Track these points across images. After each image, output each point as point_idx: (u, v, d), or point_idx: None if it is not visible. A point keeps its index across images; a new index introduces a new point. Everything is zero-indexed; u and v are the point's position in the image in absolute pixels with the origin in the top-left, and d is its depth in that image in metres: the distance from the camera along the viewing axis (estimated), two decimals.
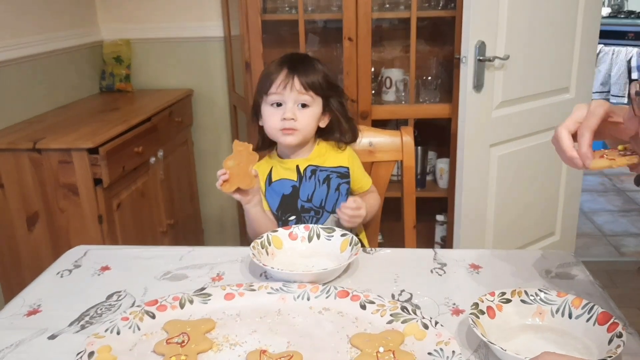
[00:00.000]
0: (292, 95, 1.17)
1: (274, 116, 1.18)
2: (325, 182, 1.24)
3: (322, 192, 1.24)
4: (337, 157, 1.27)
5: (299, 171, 1.24)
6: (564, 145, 0.74)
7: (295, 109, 1.18)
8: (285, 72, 1.17)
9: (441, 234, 2.34)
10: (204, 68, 2.44)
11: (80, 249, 1.14)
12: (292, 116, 1.17)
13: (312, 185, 1.24)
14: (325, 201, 1.24)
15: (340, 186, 1.25)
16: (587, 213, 3.11)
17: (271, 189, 1.25)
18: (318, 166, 1.25)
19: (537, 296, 0.85)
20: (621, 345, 0.71)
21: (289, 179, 1.24)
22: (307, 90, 1.18)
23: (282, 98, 1.18)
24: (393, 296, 0.92)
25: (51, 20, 2.10)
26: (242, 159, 1.07)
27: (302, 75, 1.18)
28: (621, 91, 4.08)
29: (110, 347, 0.77)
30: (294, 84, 1.17)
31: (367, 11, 1.94)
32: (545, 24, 1.92)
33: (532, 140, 2.04)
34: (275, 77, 1.17)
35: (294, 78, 1.17)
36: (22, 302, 0.94)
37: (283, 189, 1.24)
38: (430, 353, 0.75)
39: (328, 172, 1.25)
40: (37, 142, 1.61)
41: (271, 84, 1.17)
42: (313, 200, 1.24)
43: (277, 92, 1.17)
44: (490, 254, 1.08)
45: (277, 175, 1.25)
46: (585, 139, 0.72)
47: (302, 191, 1.24)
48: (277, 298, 0.90)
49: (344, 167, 1.26)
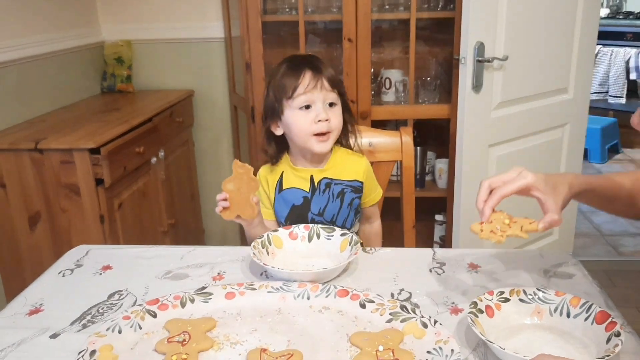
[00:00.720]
0: (322, 94, 1.12)
1: (305, 119, 1.12)
2: (339, 197, 1.20)
3: (334, 207, 1.20)
4: (353, 168, 1.22)
5: (312, 182, 1.19)
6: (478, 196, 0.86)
7: (326, 109, 1.13)
8: (310, 72, 1.12)
9: (440, 234, 2.34)
10: (204, 69, 2.45)
11: (81, 248, 1.14)
12: (326, 116, 1.12)
13: (325, 199, 1.19)
14: (337, 216, 1.20)
15: (354, 201, 1.22)
16: (586, 213, 3.12)
17: (281, 197, 1.20)
18: (333, 179, 1.20)
19: (535, 295, 0.85)
20: (619, 344, 0.71)
21: (301, 189, 1.19)
22: (333, 88, 1.14)
23: (311, 98, 1.12)
24: (392, 295, 0.93)
25: (53, 21, 2.10)
26: (242, 184, 1.03)
27: (326, 73, 1.13)
28: (619, 92, 4.08)
29: (112, 346, 0.77)
30: (323, 82, 1.12)
31: (367, 12, 1.95)
32: (543, 24, 1.93)
33: (531, 140, 2.05)
34: (299, 79, 1.11)
35: (322, 78, 1.12)
36: (24, 302, 0.95)
37: (294, 199, 1.20)
38: (430, 352, 0.75)
39: (343, 186, 1.20)
40: (39, 142, 1.62)
41: (296, 86, 1.11)
42: (325, 214, 1.20)
43: (305, 93, 1.11)
44: (489, 253, 1.09)
45: (289, 183, 1.20)
46: (491, 200, 0.83)
47: (314, 204, 1.19)
48: (278, 297, 0.91)
49: (359, 181, 1.21)
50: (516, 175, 0.84)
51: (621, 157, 4.13)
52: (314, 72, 1.12)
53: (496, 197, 0.81)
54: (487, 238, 0.77)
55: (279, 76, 1.15)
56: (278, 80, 1.14)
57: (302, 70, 1.12)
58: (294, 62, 1.16)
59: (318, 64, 1.14)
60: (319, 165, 1.21)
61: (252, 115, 2.09)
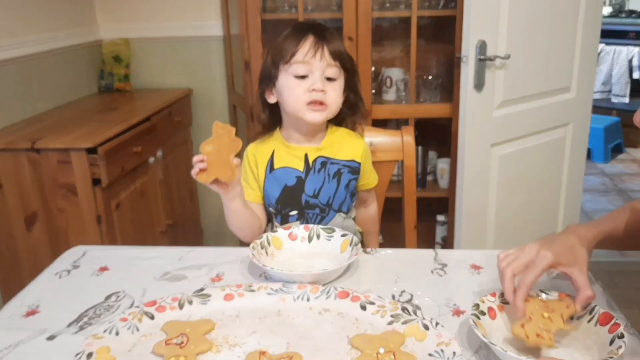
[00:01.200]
0: (321, 65, 1.04)
1: (299, 88, 1.04)
2: (335, 177, 1.12)
3: (331, 188, 1.12)
4: (351, 148, 1.15)
5: (307, 161, 1.12)
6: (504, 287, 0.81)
7: (323, 81, 1.05)
8: (312, 38, 1.04)
9: (442, 234, 2.34)
10: (203, 67, 2.44)
11: (79, 249, 1.14)
12: (322, 87, 1.04)
13: (321, 180, 1.12)
14: (334, 198, 1.13)
15: (351, 183, 1.15)
16: (589, 213, 3.11)
17: (272, 176, 1.12)
18: (329, 158, 1.12)
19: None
20: (622, 346, 0.71)
21: (294, 168, 1.12)
22: (335, 60, 1.05)
23: (309, 68, 1.04)
24: (393, 297, 0.92)
25: (50, 20, 2.09)
26: (222, 145, 0.95)
27: (331, 44, 1.05)
28: (622, 91, 4.08)
29: (109, 348, 0.77)
30: (324, 52, 1.04)
31: (367, 10, 1.94)
32: (546, 23, 1.92)
33: (533, 139, 2.04)
34: (300, 44, 1.03)
35: (324, 46, 1.04)
36: (21, 303, 0.94)
37: (286, 179, 1.12)
38: (431, 354, 0.75)
39: (340, 166, 1.13)
40: (36, 141, 1.61)
41: (295, 51, 1.03)
42: (320, 196, 1.12)
43: (303, 61, 1.03)
44: (491, 254, 1.07)
45: (281, 161, 1.12)
46: (520, 293, 0.79)
47: (308, 184, 1.12)
48: (277, 299, 0.90)
49: (356, 161, 1.15)
50: (535, 255, 0.82)
51: (624, 156, 4.12)
52: (317, 38, 1.04)
53: (524, 289, 0.79)
54: (536, 344, 0.75)
55: (281, 39, 1.07)
56: (279, 43, 1.07)
57: (305, 35, 1.05)
58: (299, 27, 1.08)
59: (324, 32, 1.06)
60: (314, 142, 1.13)
61: (251, 115, 2.08)
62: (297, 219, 1.15)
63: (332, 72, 1.06)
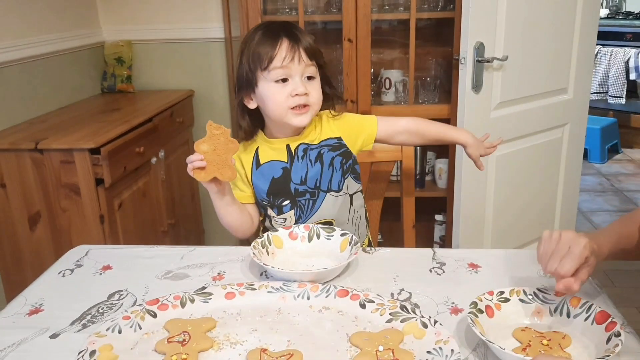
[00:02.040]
0: (300, 68, 1.04)
1: (281, 93, 1.04)
2: (317, 160, 1.12)
3: (315, 172, 1.13)
4: (327, 129, 1.14)
5: (289, 151, 1.12)
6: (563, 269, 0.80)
7: (304, 82, 1.06)
8: (287, 42, 1.03)
9: (440, 234, 2.35)
10: (205, 69, 2.45)
11: (81, 248, 1.14)
12: (305, 90, 1.05)
13: (304, 166, 1.13)
14: (320, 180, 1.13)
15: (334, 160, 1.14)
16: (585, 213, 3.12)
17: (259, 172, 1.13)
18: (309, 144, 1.13)
19: (535, 295, 0.85)
20: (619, 344, 0.71)
21: (279, 160, 1.13)
22: (311, 60, 1.06)
23: (288, 72, 1.04)
24: (392, 295, 0.93)
25: (53, 22, 2.10)
26: (218, 145, 0.96)
27: (305, 44, 1.05)
28: (619, 92, 4.08)
29: (112, 346, 0.77)
30: (300, 54, 1.04)
31: (367, 12, 1.95)
32: (543, 25, 1.93)
33: (531, 140, 2.05)
34: (275, 50, 1.02)
35: (299, 49, 1.04)
36: (24, 302, 0.95)
37: (273, 172, 1.13)
38: (430, 352, 0.75)
39: (319, 148, 1.13)
40: (39, 142, 1.62)
41: (272, 58, 1.03)
42: (307, 181, 1.13)
43: (282, 66, 1.03)
44: (488, 253, 1.09)
45: (265, 157, 1.13)
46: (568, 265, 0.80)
47: (294, 173, 1.13)
48: (278, 297, 0.91)
49: (333, 138, 1.14)
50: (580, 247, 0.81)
51: (621, 157, 4.13)
52: (292, 41, 1.04)
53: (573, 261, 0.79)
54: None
55: (254, 44, 1.05)
56: (253, 48, 1.05)
57: (279, 39, 1.04)
58: (270, 29, 1.07)
59: (296, 32, 1.06)
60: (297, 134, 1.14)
61: None
62: (290, 208, 1.16)
63: (310, 71, 1.07)
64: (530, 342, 0.77)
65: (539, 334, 0.79)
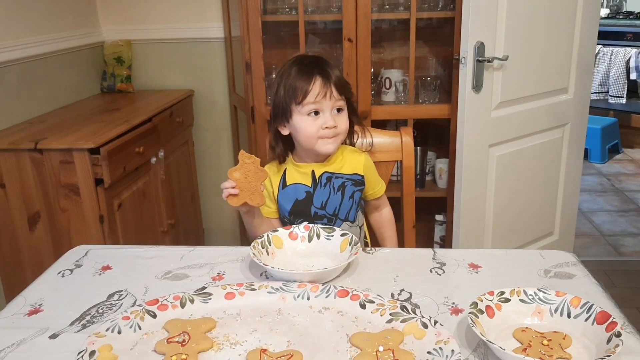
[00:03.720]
0: (330, 103, 1.16)
1: (313, 125, 1.16)
2: (340, 190, 1.23)
3: (336, 200, 1.23)
4: (353, 163, 1.25)
5: (314, 177, 1.23)
6: None
7: (334, 116, 1.17)
8: (320, 80, 1.15)
9: (440, 234, 2.34)
10: (204, 69, 2.45)
11: (81, 248, 1.14)
12: (334, 123, 1.16)
13: (327, 193, 1.23)
14: (339, 209, 1.23)
15: (355, 194, 1.25)
16: (586, 213, 3.12)
17: (284, 192, 1.24)
18: (334, 173, 1.23)
19: (536, 296, 0.85)
20: (620, 345, 0.71)
21: (303, 184, 1.23)
22: (340, 95, 1.17)
23: (320, 107, 1.16)
24: (392, 295, 0.93)
25: (53, 21, 2.10)
26: (249, 173, 1.06)
27: (336, 82, 1.16)
28: (619, 92, 4.08)
29: (111, 347, 0.77)
30: (332, 91, 1.15)
31: (367, 12, 1.95)
32: (544, 24, 1.93)
33: (531, 140, 2.05)
34: (309, 86, 1.14)
35: (331, 86, 1.15)
36: (24, 302, 0.95)
37: (297, 194, 1.23)
38: (430, 352, 0.75)
39: (343, 180, 1.24)
40: (39, 142, 1.62)
41: (306, 94, 1.14)
42: (327, 207, 1.23)
43: (315, 102, 1.15)
44: (489, 253, 1.09)
45: (292, 179, 1.24)
46: None
47: (316, 198, 1.23)
48: (277, 297, 0.91)
49: (359, 174, 1.25)
50: None
51: (621, 157, 4.13)
52: (324, 79, 1.15)
53: None
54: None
55: (291, 79, 1.17)
56: (290, 83, 1.16)
57: (313, 76, 1.15)
58: (304, 65, 1.18)
59: (328, 70, 1.17)
60: (321, 160, 1.24)
61: (252, 116, 2.09)
62: None
63: (339, 105, 1.18)
64: (530, 343, 0.77)
65: (540, 334, 0.79)
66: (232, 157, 2.57)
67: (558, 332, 0.80)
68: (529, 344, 0.77)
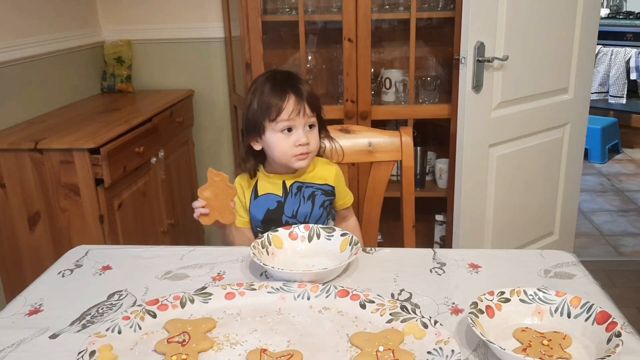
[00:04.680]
0: (303, 120, 1.17)
1: (286, 143, 1.17)
2: (310, 199, 1.25)
3: (306, 208, 1.25)
4: (324, 173, 1.27)
5: (285, 187, 1.24)
6: None
7: (306, 132, 1.18)
8: (293, 98, 1.16)
9: (440, 234, 2.34)
10: (204, 69, 2.45)
11: (81, 248, 1.14)
12: (307, 140, 1.17)
13: (297, 202, 1.24)
14: (310, 217, 1.25)
15: (325, 203, 1.26)
16: (586, 213, 3.12)
17: (256, 203, 1.25)
18: (304, 182, 1.25)
19: (536, 296, 0.85)
20: (620, 345, 0.71)
21: (274, 194, 1.25)
22: (313, 112, 1.19)
23: (293, 124, 1.17)
24: (393, 295, 0.93)
25: (53, 21, 2.10)
26: (219, 191, 1.07)
27: (308, 99, 1.18)
28: (619, 92, 4.08)
29: (111, 346, 0.77)
30: (305, 109, 1.17)
31: (367, 12, 1.95)
32: (544, 24, 1.93)
33: (531, 140, 2.05)
34: (283, 104, 1.16)
35: (304, 104, 1.17)
36: (24, 302, 0.95)
37: (268, 204, 1.24)
38: (430, 352, 0.75)
39: (313, 189, 1.25)
40: (39, 142, 1.62)
41: (280, 112, 1.16)
42: (298, 216, 1.24)
43: (288, 119, 1.16)
44: (489, 253, 1.09)
45: (263, 189, 1.25)
46: None
47: (287, 207, 1.24)
48: (278, 297, 0.90)
49: (329, 185, 1.27)
50: None
51: (621, 157, 4.13)
52: (297, 96, 1.16)
53: None
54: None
55: (265, 96, 1.17)
56: (263, 100, 1.17)
57: (287, 93, 1.16)
58: (277, 81, 1.19)
59: (300, 87, 1.18)
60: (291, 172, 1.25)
61: None
62: None
63: (311, 121, 1.20)
64: (530, 343, 0.77)
65: (540, 334, 0.79)
66: (232, 157, 2.57)
67: (558, 332, 0.80)
68: (529, 344, 0.77)
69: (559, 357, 0.74)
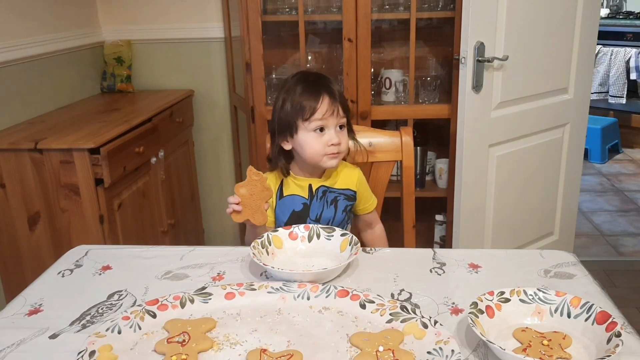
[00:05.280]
0: (336, 120, 1.19)
1: (318, 142, 1.19)
2: (332, 204, 1.27)
3: (330, 213, 1.27)
4: (346, 178, 1.29)
5: (310, 190, 1.26)
6: None
7: (337, 132, 1.20)
8: (328, 98, 1.18)
9: (440, 234, 2.34)
10: (204, 69, 2.45)
11: (81, 248, 1.14)
12: (338, 140, 1.19)
13: (321, 206, 1.27)
14: (333, 221, 1.27)
15: (347, 207, 1.29)
16: (586, 213, 3.12)
17: (282, 203, 1.26)
18: (329, 187, 1.27)
19: (536, 296, 0.85)
20: (620, 345, 0.71)
21: (300, 196, 1.26)
22: (344, 113, 1.21)
23: (325, 124, 1.19)
24: (392, 295, 0.93)
25: (53, 21, 2.10)
26: (255, 190, 1.07)
27: (341, 100, 1.20)
28: (619, 92, 4.08)
29: (111, 347, 0.77)
30: (338, 109, 1.19)
31: (367, 12, 1.95)
32: (544, 24, 1.93)
33: (531, 140, 2.05)
34: (317, 104, 1.18)
35: (337, 105, 1.19)
36: (24, 302, 0.95)
37: (294, 205, 1.26)
38: (430, 352, 0.75)
39: (336, 194, 1.27)
40: (39, 142, 1.62)
41: (314, 111, 1.17)
42: (321, 220, 1.26)
43: (321, 119, 1.18)
44: (489, 253, 1.09)
45: (289, 190, 1.27)
46: None
47: (312, 210, 1.26)
48: (278, 297, 0.91)
49: (352, 190, 1.29)
50: None
51: (621, 157, 4.14)
52: (331, 98, 1.18)
53: None
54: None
55: (297, 95, 1.19)
56: (296, 100, 1.19)
57: (321, 94, 1.18)
58: (310, 83, 1.21)
59: (333, 89, 1.21)
60: (318, 175, 1.27)
61: (252, 116, 2.09)
62: None
63: (342, 122, 1.22)
64: (530, 343, 0.77)
65: (540, 334, 0.79)
66: (232, 158, 2.57)
67: (558, 332, 0.80)
68: (529, 344, 0.77)
69: (559, 357, 0.74)
